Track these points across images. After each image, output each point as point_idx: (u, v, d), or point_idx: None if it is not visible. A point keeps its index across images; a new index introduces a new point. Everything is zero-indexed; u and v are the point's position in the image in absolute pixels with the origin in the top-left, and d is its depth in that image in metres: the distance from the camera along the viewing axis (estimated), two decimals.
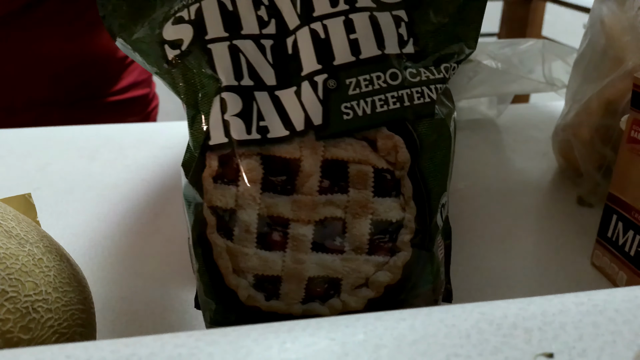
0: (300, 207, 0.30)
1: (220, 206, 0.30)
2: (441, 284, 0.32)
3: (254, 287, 0.29)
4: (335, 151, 0.30)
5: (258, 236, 0.30)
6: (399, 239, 0.30)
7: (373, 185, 0.30)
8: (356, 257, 0.30)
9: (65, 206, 0.55)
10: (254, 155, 0.30)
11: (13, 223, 0.27)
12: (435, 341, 0.22)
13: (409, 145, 0.30)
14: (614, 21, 0.47)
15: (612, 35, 0.47)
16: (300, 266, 0.29)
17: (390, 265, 0.30)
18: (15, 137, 0.73)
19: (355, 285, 0.30)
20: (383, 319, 0.23)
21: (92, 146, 0.70)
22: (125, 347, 0.22)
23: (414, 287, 0.30)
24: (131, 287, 0.42)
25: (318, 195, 0.30)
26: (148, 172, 0.62)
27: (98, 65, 0.85)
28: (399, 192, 0.30)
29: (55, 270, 0.27)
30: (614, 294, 0.25)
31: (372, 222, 0.30)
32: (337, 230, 0.30)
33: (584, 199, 0.53)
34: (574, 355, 0.22)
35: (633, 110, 0.36)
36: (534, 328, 0.23)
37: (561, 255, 0.45)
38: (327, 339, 0.22)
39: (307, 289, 0.30)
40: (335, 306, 0.30)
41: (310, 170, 0.30)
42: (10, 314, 0.24)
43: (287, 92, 0.31)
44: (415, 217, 0.30)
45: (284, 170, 0.30)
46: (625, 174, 0.38)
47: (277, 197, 0.30)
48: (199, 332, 0.23)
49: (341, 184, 0.30)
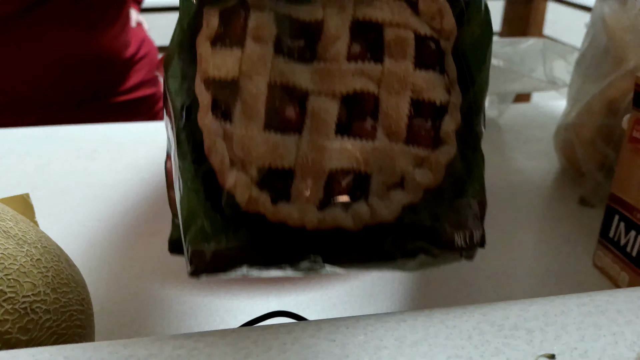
0: (323, 77, 0.23)
1: (219, 77, 0.23)
2: (485, 205, 0.27)
3: (258, 185, 0.23)
4: (368, 11, 0.24)
5: (267, 113, 0.23)
6: (443, 128, 0.25)
7: (414, 55, 0.25)
8: (391, 146, 0.24)
9: (63, 206, 0.55)
10: (266, 9, 0.24)
11: (11, 223, 0.27)
12: (436, 342, 0.22)
13: (454, 13, 0.25)
14: (616, 20, 0.47)
15: (613, 35, 0.47)
16: (320, 155, 0.23)
17: (431, 161, 0.24)
18: (13, 137, 0.73)
19: (388, 185, 0.24)
20: (383, 319, 0.23)
21: (91, 146, 0.70)
22: (124, 348, 0.22)
23: (457, 195, 0.25)
24: (130, 288, 0.42)
25: (346, 63, 0.24)
26: (147, 172, 0.62)
27: (104, 65, 0.85)
28: (443, 69, 0.25)
29: (54, 271, 0.27)
30: (616, 294, 0.25)
31: (411, 101, 0.24)
32: (369, 109, 0.24)
33: (586, 199, 0.52)
34: (575, 356, 0.22)
35: (635, 109, 0.36)
36: (536, 329, 0.23)
37: (563, 255, 0.45)
38: (327, 340, 0.22)
39: (327, 187, 0.23)
40: (362, 214, 0.23)
41: (337, 32, 0.24)
42: (9, 315, 0.24)
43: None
44: (460, 106, 0.25)
45: (303, 34, 0.24)
46: (627, 174, 0.38)
47: (294, 64, 0.24)
48: (197, 333, 0.23)
49: (375, 51, 0.24)
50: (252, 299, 0.41)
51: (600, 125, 0.48)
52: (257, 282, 0.42)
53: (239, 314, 0.39)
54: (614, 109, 0.47)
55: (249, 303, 0.40)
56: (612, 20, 0.47)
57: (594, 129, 0.49)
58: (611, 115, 0.47)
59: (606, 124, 0.48)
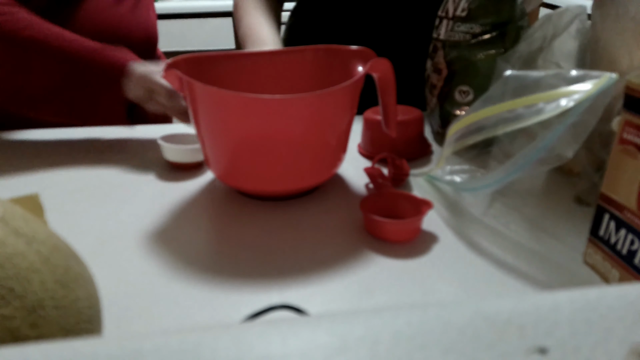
0: None
1: None
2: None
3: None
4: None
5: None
6: None
7: None
8: None
9: (72, 206, 0.55)
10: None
11: (21, 222, 0.27)
12: (432, 337, 0.23)
13: None
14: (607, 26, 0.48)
15: (605, 39, 0.48)
16: None
17: None
18: (23, 139, 0.74)
19: None
20: (381, 314, 0.24)
21: (100, 147, 0.71)
22: (131, 342, 0.22)
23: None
24: (136, 284, 0.43)
25: None
26: (154, 172, 0.63)
27: (149, 45, 0.85)
28: None
29: (62, 268, 0.27)
30: (607, 291, 0.26)
31: None
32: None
33: (581, 198, 0.53)
34: (567, 351, 0.22)
35: (625, 111, 0.37)
36: (528, 324, 0.24)
37: (555, 253, 0.46)
38: (327, 335, 0.23)
39: None
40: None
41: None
42: (18, 311, 0.24)
43: None
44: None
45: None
46: (617, 174, 0.38)
47: None
48: (202, 328, 0.23)
49: None
50: (254, 293, 0.41)
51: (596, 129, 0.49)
52: (260, 277, 0.43)
53: (242, 307, 0.40)
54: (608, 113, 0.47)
55: (252, 297, 0.41)
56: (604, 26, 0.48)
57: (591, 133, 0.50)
58: (606, 120, 0.48)
59: (603, 129, 0.49)
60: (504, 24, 0.61)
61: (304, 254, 0.47)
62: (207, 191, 0.58)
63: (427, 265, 0.45)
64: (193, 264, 0.45)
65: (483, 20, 0.62)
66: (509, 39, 0.62)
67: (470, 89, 0.64)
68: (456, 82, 0.65)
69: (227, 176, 0.53)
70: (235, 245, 0.48)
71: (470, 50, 0.63)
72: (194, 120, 0.53)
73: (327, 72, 0.62)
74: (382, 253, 0.47)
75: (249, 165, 0.51)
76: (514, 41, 0.61)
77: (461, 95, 0.65)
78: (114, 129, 0.76)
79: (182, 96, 0.63)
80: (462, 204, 0.55)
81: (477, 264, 0.45)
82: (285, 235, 0.50)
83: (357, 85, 0.53)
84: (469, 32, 0.62)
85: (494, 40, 0.62)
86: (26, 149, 0.69)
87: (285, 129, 0.49)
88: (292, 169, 0.52)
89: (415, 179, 0.60)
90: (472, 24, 0.62)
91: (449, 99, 0.66)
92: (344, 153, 0.57)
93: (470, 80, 0.64)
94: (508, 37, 0.61)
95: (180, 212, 0.54)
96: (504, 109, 0.44)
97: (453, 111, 0.66)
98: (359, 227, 0.51)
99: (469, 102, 0.64)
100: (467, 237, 0.49)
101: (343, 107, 0.52)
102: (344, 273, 0.44)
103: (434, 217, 0.52)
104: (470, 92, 0.64)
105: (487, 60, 0.62)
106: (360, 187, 0.59)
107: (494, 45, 0.62)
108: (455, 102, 0.66)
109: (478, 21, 0.62)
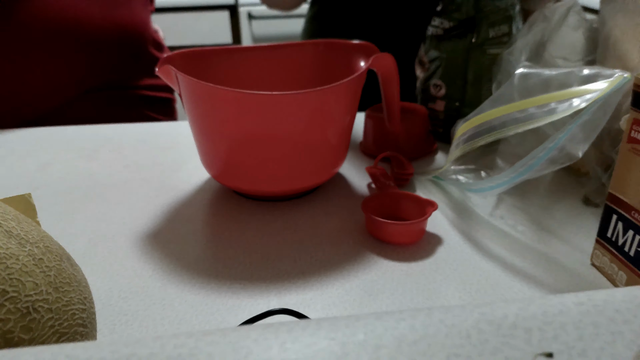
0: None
1: None
2: None
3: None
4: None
5: None
6: None
7: None
8: None
9: (65, 206, 0.55)
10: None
11: (13, 223, 0.27)
12: (436, 341, 0.22)
13: None
14: (617, 21, 0.47)
15: (615, 34, 0.47)
16: None
17: None
18: (15, 138, 0.73)
19: None
20: (383, 319, 0.23)
21: (92, 146, 0.70)
22: (125, 347, 0.22)
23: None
24: (131, 287, 0.42)
25: None
26: (148, 172, 0.62)
27: (132, 45, 0.84)
28: None
29: (56, 270, 0.27)
30: (614, 294, 0.25)
31: None
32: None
33: (590, 198, 0.53)
34: (574, 355, 0.22)
35: (633, 110, 0.36)
36: (534, 328, 0.23)
37: (561, 255, 0.45)
38: (327, 339, 0.22)
39: None
40: None
41: None
42: (11, 314, 0.24)
43: None
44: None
45: None
46: (625, 174, 0.38)
47: None
48: (198, 332, 0.23)
49: None
50: (252, 297, 0.41)
51: (605, 128, 0.48)
52: (258, 281, 0.43)
53: (239, 312, 0.39)
54: (617, 111, 0.47)
55: (250, 301, 0.40)
56: (614, 22, 0.47)
57: (600, 132, 0.49)
58: (615, 118, 0.47)
59: (613, 127, 0.48)
60: (471, 19, 0.62)
61: (303, 256, 0.46)
62: (202, 191, 0.58)
63: (431, 268, 0.44)
64: (189, 266, 0.45)
65: (451, 15, 0.63)
66: (478, 33, 0.62)
67: (443, 83, 0.65)
68: (431, 75, 0.67)
69: (223, 176, 0.53)
70: (233, 248, 0.47)
71: (439, 44, 0.64)
72: (189, 117, 0.52)
73: (327, 68, 0.61)
74: (384, 255, 0.46)
75: (246, 164, 0.51)
76: (485, 36, 0.62)
77: (435, 89, 0.66)
78: (107, 128, 0.76)
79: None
80: (467, 204, 0.54)
81: (483, 266, 0.44)
82: (284, 237, 0.49)
83: (359, 81, 0.52)
84: (439, 27, 0.64)
85: (461, 35, 0.63)
86: (17, 148, 0.69)
87: (284, 127, 0.48)
88: (291, 168, 0.51)
89: (419, 179, 0.60)
90: (442, 18, 0.64)
91: (426, 93, 0.68)
92: (346, 152, 0.56)
93: (442, 74, 0.65)
94: (477, 31, 0.62)
95: (175, 214, 0.53)
96: (515, 109, 0.44)
97: (429, 105, 0.68)
98: (360, 229, 0.50)
99: (442, 97, 0.66)
100: (473, 239, 0.48)
101: (344, 103, 0.51)
102: (345, 276, 0.43)
103: (439, 218, 0.52)
104: (442, 86, 0.65)
105: (454, 54, 0.63)
106: (362, 187, 0.59)
107: (461, 40, 0.63)
108: (431, 96, 0.67)
109: (448, 16, 0.63)
